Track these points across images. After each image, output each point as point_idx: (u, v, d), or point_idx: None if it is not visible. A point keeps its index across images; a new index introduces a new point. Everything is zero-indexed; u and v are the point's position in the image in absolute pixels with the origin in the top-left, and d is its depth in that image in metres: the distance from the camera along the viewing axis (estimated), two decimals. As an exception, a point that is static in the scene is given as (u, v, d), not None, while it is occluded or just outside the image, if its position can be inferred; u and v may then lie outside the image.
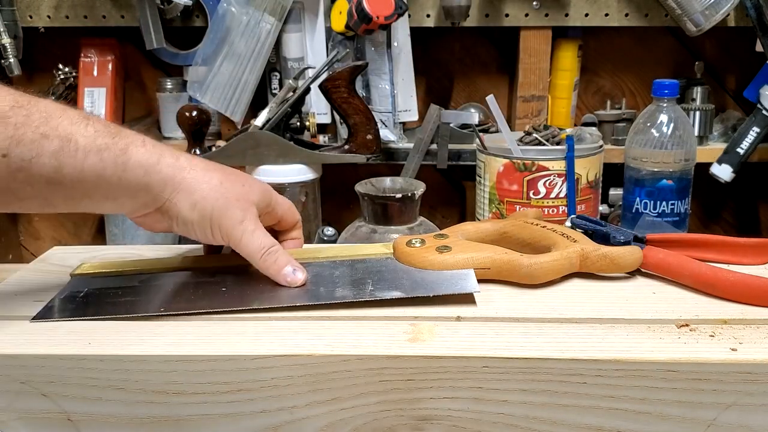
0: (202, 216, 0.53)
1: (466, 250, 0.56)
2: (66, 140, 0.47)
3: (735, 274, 0.53)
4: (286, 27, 1.15)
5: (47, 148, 0.46)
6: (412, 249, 0.57)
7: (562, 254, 0.55)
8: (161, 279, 0.58)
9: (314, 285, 0.55)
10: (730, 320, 0.49)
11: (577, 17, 1.17)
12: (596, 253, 0.55)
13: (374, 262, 0.58)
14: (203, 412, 0.47)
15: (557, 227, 0.59)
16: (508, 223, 0.62)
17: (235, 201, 0.54)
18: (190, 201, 0.53)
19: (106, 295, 0.55)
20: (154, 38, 1.14)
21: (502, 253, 0.55)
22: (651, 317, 0.50)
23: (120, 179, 0.50)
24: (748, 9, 1.09)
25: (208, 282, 0.57)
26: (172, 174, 0.52)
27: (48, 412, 0.47)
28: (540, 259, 0.54)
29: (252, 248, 0.54)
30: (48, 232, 1.41)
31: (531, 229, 0.60)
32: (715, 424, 0.45)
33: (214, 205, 0.53)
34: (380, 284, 0.54)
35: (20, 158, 0.45)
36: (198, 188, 0.53)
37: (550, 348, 0.45)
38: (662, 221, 0.99)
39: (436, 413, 0.46)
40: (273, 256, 0.55)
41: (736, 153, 1.10)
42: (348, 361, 0.45)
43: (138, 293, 0.55)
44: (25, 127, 0.46)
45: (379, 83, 1.15)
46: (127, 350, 0.46)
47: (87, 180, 0.49)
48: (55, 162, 0.47)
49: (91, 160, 0.48)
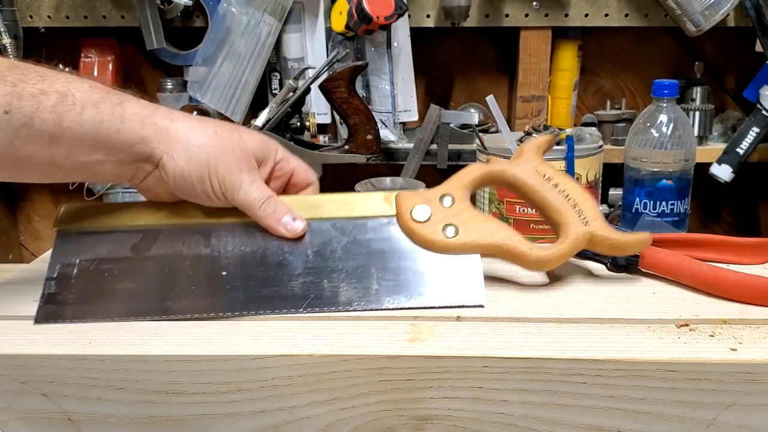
0: (198, 166, 0.52)
1: (474, 231, 0.54)
2: (63, 95, 0.48)
3: (735, 273, 0.53)
4: (286, 27, 1.15)
5: (46, 102, 0.47)
6: (416, 225, 0.54)
7: (570, 245, 0.53)
8: (155, 247, 0.55)
9: (317, 275, 0.53)
10: (730, 320, 0.49)
11: (577, 17, 1.17)
12: (606, 243, 0.54)
13: (377, 232, 0.55)
14: (203, 412, 0.47)
15: (570, 188, 0.56)
16: (519, 172, 0.57)
17: (232, 150, 0.53)
18: (186, 151, 0.52)
19: (100, 278, 0.53)
20: (154, 38, 1.14)
21: (510, 241, 0.53)
22: (651, 317, 0.50)
23: (118, 131, 0.50)
24: (748, 9, 1.09)
25: (205, 259, 0.54)
26: (166, 125, 0.52)
27: (48, 412, 0.47)
28: (547, 254, 0.53)
29: (250, 199, 0.54)
30: (48, 232, 1.41)
31: (544, 192, 0.56)
32: (715, 424, 0.45)
33: (210, 154, 0.52)
34: (385, 279, 0.52)
35: (22, 114, 0.47)
36: (193, 138, 0.52)
37: (550, 348, 0.45)
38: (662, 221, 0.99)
39: (436, 413, 0.46)
40: (271, 206, 0.54)
41: (736, 153, 1.10)
42: (348, 361, 0.45)
43: (133, 274, 0.53)
44: (23, 83, 0.47)
45: (379, 83, 1.15)
46: (127, 350, 0.46)
47: (86, 133, 0.49)
48: (55, 116, 0.48)
49: (88, 112, 0.49)
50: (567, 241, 0.54)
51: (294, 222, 0.54)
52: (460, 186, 0.56)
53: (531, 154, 0.58)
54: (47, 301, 0.52)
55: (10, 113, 0.46)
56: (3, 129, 0.46)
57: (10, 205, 1.40)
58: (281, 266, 0.54)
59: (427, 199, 0.55)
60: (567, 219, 0.54)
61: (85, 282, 0.53)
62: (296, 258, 0.54)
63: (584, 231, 0.54)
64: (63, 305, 0.52)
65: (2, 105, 0.46)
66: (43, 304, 0.52)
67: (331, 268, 0.53)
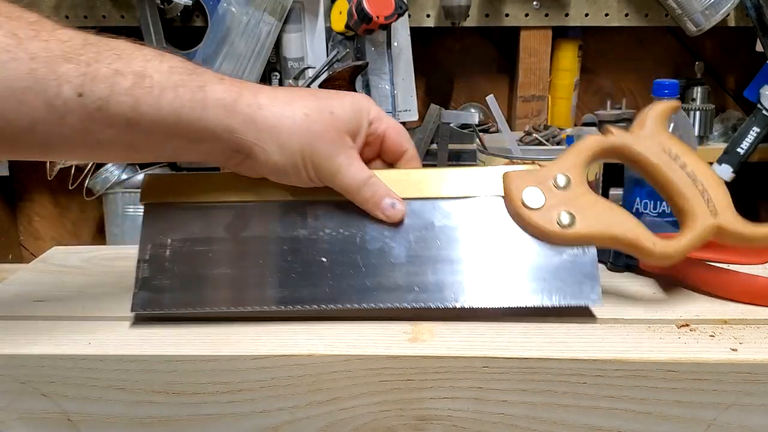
0: (291, 157, 0.49)
1: (593, 221, 0.49)
2: (140, 76, 0.45)
3: (735, 273, 0.53)
4: (286, 27, 1.15)
5: (122, 84, 0.44)
6: (529, 212, 0.49)
7: (696, 237, 0.49)
8: (249, 227, 0.52)
9: (419, 264, 0.49)
10: (730, 320, 0.49)
11: (577, 17, 1.17)
12: (735, 236, 0.49)
13: (483, 216, 0.51)
14: (203, 412, 0.47)
15: (699, 170, 0.50)
16: (644, 148, 0.51)
17: (324, 134, 0.49)
18: (277, 143, 0.48)
19: (195, 261, 0.50)
20: (154, 38, 1.14)
21: (632, 234, 0.48)
22: (651, 317, 0.50)
23: (200, 119, 0.47)
24: (748, 9, 1.09)
25: (304, 242, 0.51)
26: (252, 114, 0.48)
27: (48, 412, 0.47)
28: (673, 247, 0.49)
29: (348, 184, 0.50)
30: (48, 231, 1.41)
31: (671, 173, 0.50)
32: (715, 425, 0.45)
33: (301, 141, 0.48)
34: (492, 274, 0.49)
35: (96, 96, 0.44)
36: (282, 127, 0.48)
37: (550, 348, 0.45)
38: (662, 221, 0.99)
39: (436, 413, 0.46)
40: (370, 189, 0.51)
41: (736, 153, 1.10)
42: (348, 361, 0.45)
43: (229, 258, 0.51)
44: (97, 63, 0.44)
45: (379, 83, 1.15)
46: (127, 350, 0.46)
47: (165, 119, 0.46)
48: (131, 99, 0.44)
49: (167, 96, 0.45)
50: (693, 233, 0.49)
51: (393, 207, 0.51)
52: (576, 163, 0.51)
53: (655, 125, 0.52)
54: (142, 287, 0.50)
55: (83, 96, 0.43)
56: (77, 112, 0.43)
57: (10, 205, 1.40)
58: (382, 253, 0.51)
59: (539, 179, 0.50)
60: (694, 208, 0.49)
61: (179, 265, 0.51)
62: (398, 245, 0.51)
63: (712, 223, 0.49)
64: (160, 292, 0.50)
65: (75, 87, 0.43)
66: (138, 290, 0.50)
67: (435, 258, 0.50)
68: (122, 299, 0.54)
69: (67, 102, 0.43)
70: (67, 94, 0.43)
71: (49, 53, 0.42)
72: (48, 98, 0.42)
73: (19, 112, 0.42)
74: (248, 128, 0.48)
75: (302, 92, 0.51)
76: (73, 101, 0.43)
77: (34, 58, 0.42)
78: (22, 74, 0.42)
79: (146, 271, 0.51)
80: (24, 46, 0.42)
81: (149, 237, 0.52)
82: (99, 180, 1.33)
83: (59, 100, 0.43)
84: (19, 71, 0.42)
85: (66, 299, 0.55)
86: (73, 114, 0.43)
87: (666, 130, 0.52)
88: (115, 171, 1.34)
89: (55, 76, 0.42)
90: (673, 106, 0.53)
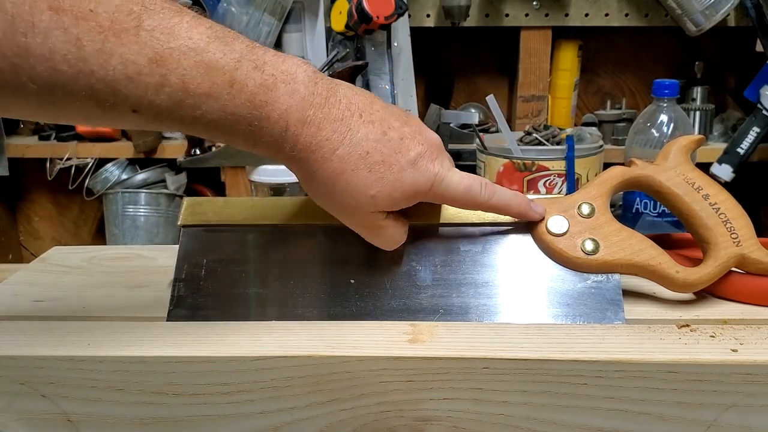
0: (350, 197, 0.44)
1: (617, 249, 0.49)
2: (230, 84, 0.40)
3: (735, 273, 0.53)
4: (286, 27, 1.15)
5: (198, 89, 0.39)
6: (553, 239, 0.50)
7: (719, 267, 0.49)
8: (282, 249, 0.52)
9: (445, 287, 0.50)
10: (730, 320, 0.49)
11: (577, 17, 1.17)
12: (759, 266, 0.50)
13: (507, 242, 0.51)
14: (203, 413, 0.47)
15: (721, 199, 0.51)
16: (666, 179, 0.52)
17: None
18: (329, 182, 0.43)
19: (228, 281, 0.51)
20: (153, 38, 1.14)
21: (656, 261, 0.49)
22: (651, 317, 0.49)
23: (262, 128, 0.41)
24: (748, 9, 1.09)
25: (333, 264, 0.52)
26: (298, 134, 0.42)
27: (47, 412, 0.47)
28: (696, 276, 0.49)
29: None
30: (48, 231, 1.41)
31: (693, 203, 0.51)
32: (716, 425, 0.45)
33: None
34: (516, 298, 0.49)
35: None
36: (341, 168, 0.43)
37: (550, 349, 0.45)
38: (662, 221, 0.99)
39: (436, 414, 0.46)
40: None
41: (736, 153, 1.10)
42: (348, 362, 0.45)
43: (261, 278, 0.51)
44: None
45: (379, 83, 1.15)
46: (126, 351, 0.46)
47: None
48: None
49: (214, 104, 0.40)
50: (717, 263, 0.50)
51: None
52: (601, 193, 0.52)
53: (678, 156, 0.53)
54: (177, 305, 0.51)
55: (139, 113, 0.39)
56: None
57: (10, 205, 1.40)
58: (409, 276, 0.51)
59: (564, 208, 0.51)
60: (717, 238, 0.50)
61: (213, 285, 0.52)
62: (424, 268, 0.51)
63: (735, 252, 0.50)
64: (194, 309, 0.51)
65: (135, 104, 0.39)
66: (174, 308, 0.51)
67: (460, 281, 0.51)
68: (122, 299, 0.54)
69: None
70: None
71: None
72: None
73: None
74: (300, 163, 0.43)
75: (386, 114, 0.46)
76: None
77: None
78: None
79: (182, 290, 0.52)
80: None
81: (185, 257, 0.53)
82: (99, 180, 1.33)
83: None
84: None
85: (66, 299, 0.55)
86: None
87: (689, 162, 0.53)
88: (115, 171, 1.34)
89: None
90: (697, 139, 0.54)
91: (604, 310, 0.49)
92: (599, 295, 0.50)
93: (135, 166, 1.36)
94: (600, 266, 0.50)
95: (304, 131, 0.42)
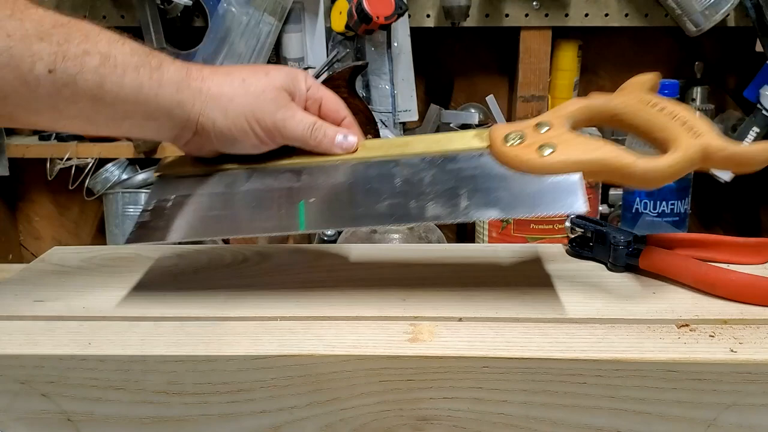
0: (236, 119, 0.53)
1: (573, 149, 0.49)
2: (106, 57, 0.48)
3: (735, 273, 0.53)
4: (286, 27, 1.16)
5: (90, 63, 0.48)
6: (509, 149, 0.51)
7: (681, 156, 0.47)
8: (248, 183, 0.56)
9: (403, 197, 0.52)
10: (730, 320, 0.49)
11: (577, 17, 1.17)
12: (721, 155, 0.47)
13: (468, 162, 0.53)
14: (203, 412, 0.47)
15: (678, 110, 0.50)
16: (621, 101, 0.53)
17: (263, 92, 0.53)
18: (221, 108, 0.53)
19: (192, 206, 0.55)
20: (154, 38, 1.14)
21: (614, 155, 0.48)
22: (651, 317, 0.50)
23: (156, 95, 0.51)
24: (748, 9, 1.09)
25: (295, 190, 0.55)
26: (198, 86, 0.52)
27: (48, 412, 0.47)
28: (656, 165, 0.47)
29: (298, 131, 0.54)
30: (48, 231, 1.41)
31: (648, 114, 0.51)
32: (715, 425, 0.45)
33: (243, 102, 0.53)
34: (475, 197, 0.50)
35: (66, 73, 0.47)
36: (223, 93, 0.53)
37: (550, 348, 0.45)
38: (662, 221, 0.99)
39: (436, 413, 0.46)
40: (320, 131, 0.55)
41: (736, 153, 1.10)
42: (348, 361, 0.45)
43: (224, 203, 0.55)
44: (68, 43, 0.47)
45: (379, 83, 1.15)
46: (127, 350, 0.46)
47: (127, 97, 0.49)
48: (98, 77, 0.48)
49: (129, 75, 0.49)
50: (677, 153, 0.47)
51: (347, 138, 0.55)
52: (557, 116, 0.53)
53: (634, 87, 0.54)
54: (140, 228, 0.55)
55: (54, 72, 0.46)
56: (47, 87, 0.47)
57: (11, 205, 1.40)
58: (368, 193, 0.53)
59: (521, 127, 0.52)
60: (676, 134, 0.48)
61: (177, 210, 0.55)
62: (383, 186, 0.53)
63: (697, 143, 0.47)
64: (154, 229, 0.54)
65: (47, 64, 0.46)
66: (136, 230, 0.55)
67: (419, 192, 0.52)
68: (123, 299, 0.54)
69: (39, 78, 0.46)
70: (39, 71, 0.46)
71: (24, 32, 0.46)
72: (22, 74, 0.46)
73: None
74: (195, 100, 0.52)
75: (241, 65, 0.57)
76: (44, 77, 0.46)
77: (10, 36, 0.45)
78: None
79: (146, 216, 0.56)
80: (1, 25, 0.45)
81: (155, 194, 0.57)
82: (99, 180, 1.33)
83: (32, 75, 0.46)
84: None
85: (66, 299, 0.55)
86: (44, 88, 0.47)
87: (647, 92, 0.53)
88: (115, 171, 1.34)
89: (30, 53, 0.45)
90: (652, 76, 0.54)
91: (563, 199, 0.48)
92: (560, 189, 0.48)
93: (135, 166, 1.36)
94: (558, 166, 0.49)
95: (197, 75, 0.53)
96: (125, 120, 0.51)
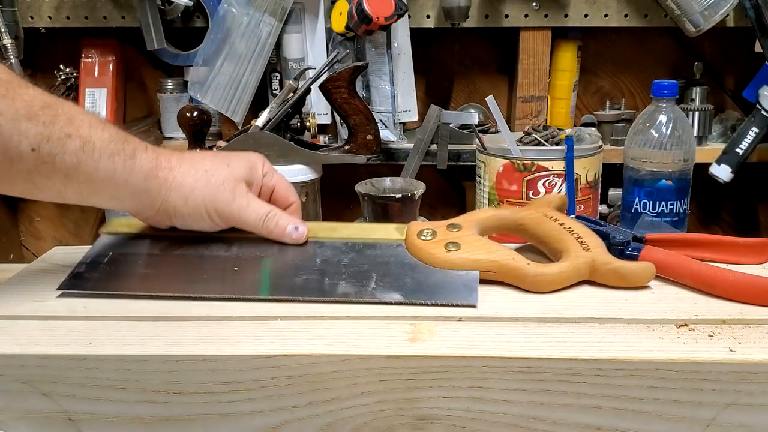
0: (195, 207, 0.57)
1: (475, 250, 0.56)
2: (86, 141, 0.52)
3: (734, 273, 0.53)
4: (286, 28, 1.15)
5: (70, 146, 0.51)
6: (421, 242, 0.57)
7: (569, 265, 0.54)
8: (181, 249, 0.60)
9: (320, 274, 0.56)
10: (729, 320, 0.49)
11: (576, 18, 1.17)
12: (606, 267, 0.54)
13: (384, 250, 0.59)
14: (203, 411, 0.47)
15: (576, 226, 0.58)
16: (527, 214, 0.61)
17: (222, 184, 0.58)
18: (182, 196, 0.57)
19: (127, 265, 0.59)
20: (154, 39, 1.14)
21: (510, 258, 0.55)
22: (650, 317, 0.50)
23: (126, 181, 0.55)
24: (747, 10, 1.09)
25: (223, 259, 0.59)
26: (165, 176, 0.56)
27: (49, 411, 0.47)
28: (546, 270, 0.54)
29: (251, 220, 0.59)
30: (49, 232, 1.41)
31: (548, 226, 0.59)
32: (715, 424, 0.45)
33: (203, 193, 0.57)
34: (383, 281, 0.55)
35: (48, 153, 0.50)
36: (186, 183, 0.57)
37: (549, 348, 0.45)
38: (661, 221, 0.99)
39: (436, 413, 0.46)
40: (273, 221, 0.59)
41: (735, 153, 1.10)
42: (348, 360, 0.45)
43: (157, 265, 0.59)
44: (53, 125, 0.50)
45: (379, 84, 1.15)
46: (127, 350, 0.46)
47: (100, 179, 0.53)
48: (75, 159, 0.51)
49: (104, 161, 0.53)
50: (567, 263, 0.54)
51: (297, 230, 0.59)
52: (467, 221, 0.60)
53: (542, 204, 0.62)
54: (73, 277, 0.57)
55: (36, 151, 0.49)
56: (27, 163, 0.50)
57: (11, 205, 1.40)
58: (290, 267, 0.58)
59: (435, 226, 0.59)
60: (568, 246, 0.56)
61: (112, 267, 0.58)
62: (305, 263, 0.58)
63: (585, 255, 0.54)
64: (87, 280, 0.57)
65: (32, 143, 0.49)
66: (68, 279, 0.57)
67: (335, 271, 0.56)
68: (123, 299, 0.54)
69: (22, 154, 0.49)
70: (23, 148, 0.49)
71: (15, 112, 0.48)
72: (7, 150, 0.49)
73: None
74: (161, 188, 0.56)
75: (207, 154, 0.60)
76: (27, 155, 0.49)
77: (1, 114, 0.48)
78: None
79: (81, 268, 0.58)
80: None
81: (95, 250, 0.61)
82: (99, 180, 1.33)
83: (16, 152, 0.49)
84: None
85: (66, 299, 0.55)
86: (24, 164, 0.50)
87: (552, 209, 0.61)
88: (115, 171, 1.34)
89: (17, 132, 0.48)
90: (560, 197, 0.64)
91: (459, 292, 0.53)
92: (459, 283, 0.54)
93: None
94: (460, 262, 0.55)
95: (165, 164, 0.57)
96: (93, 196, 0.55)
